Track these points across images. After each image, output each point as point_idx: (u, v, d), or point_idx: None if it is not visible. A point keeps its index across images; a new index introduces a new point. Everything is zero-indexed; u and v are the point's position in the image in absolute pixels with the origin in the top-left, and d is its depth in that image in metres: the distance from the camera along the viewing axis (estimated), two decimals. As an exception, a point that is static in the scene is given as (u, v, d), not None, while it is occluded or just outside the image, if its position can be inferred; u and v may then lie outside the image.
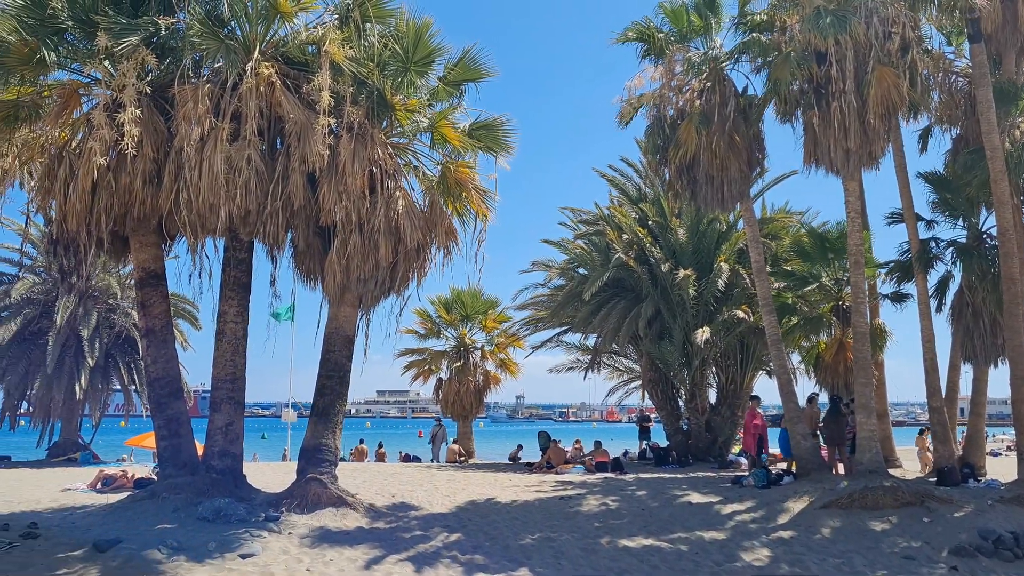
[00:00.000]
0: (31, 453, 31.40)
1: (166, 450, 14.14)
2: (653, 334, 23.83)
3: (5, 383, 28.30)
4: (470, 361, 31.64)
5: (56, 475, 22.66)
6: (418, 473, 21.73)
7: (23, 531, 11.49)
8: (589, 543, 11.74)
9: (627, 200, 25.96)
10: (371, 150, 13.43)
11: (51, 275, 29.81)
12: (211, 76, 13.28)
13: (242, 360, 14.41)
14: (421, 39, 13.86)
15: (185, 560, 10.02)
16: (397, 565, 10.36)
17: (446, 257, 14.79)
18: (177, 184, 12.64)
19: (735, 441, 25.12)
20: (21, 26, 12.72)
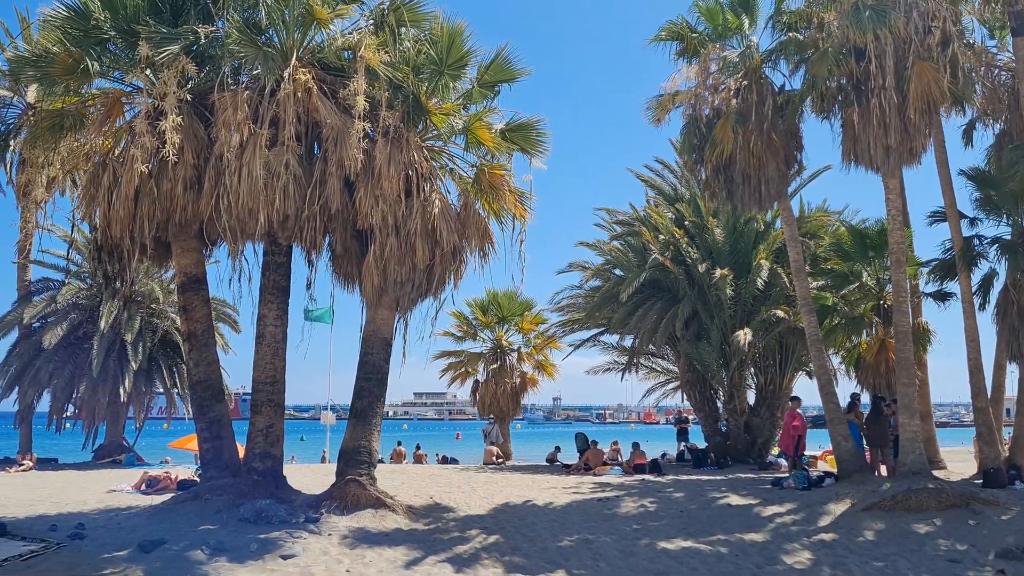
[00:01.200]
0: (77, 455, 32.01)
1: (208, 452, 14.34)
2: (690, 335, 23.68)
3: (52, 386, 28.81)
4: (507, 363, 31.71)
5: (102, 477, 23.07)
6: (456, 475, 21.79)
7: (71, 532, 11.76)
8: (627, 545, 11.69)
9: (663, 200, 25.84)
10: (407, 153, 13.52)
11: (96, 281, 30.34)
12: (250, 83, 13.45)
13: (281, 363, 14.57)
14: (455, 42, 13.95)
15: (227, 561, 10.16)
16: (436, 566, 10.40)
17: (482, 259, 14.84)
18: (217, 190, 12.85)
19: (774, 443, 24.85)
20: (65, 37, 13.05)
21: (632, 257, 25.13)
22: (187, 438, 26.82)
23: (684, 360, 25.07)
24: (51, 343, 27.87)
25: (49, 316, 29.43)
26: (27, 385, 28.61)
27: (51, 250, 31.43)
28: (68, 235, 29.50)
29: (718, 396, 25.43)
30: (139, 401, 30.84)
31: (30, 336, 29.18)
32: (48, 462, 29.15)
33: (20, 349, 29.14)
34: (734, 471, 21.27)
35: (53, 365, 28.59)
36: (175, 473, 20.08)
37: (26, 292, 30.64)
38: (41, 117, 14.34)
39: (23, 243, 30.75)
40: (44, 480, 22.22)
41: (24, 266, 31.26)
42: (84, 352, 28.57)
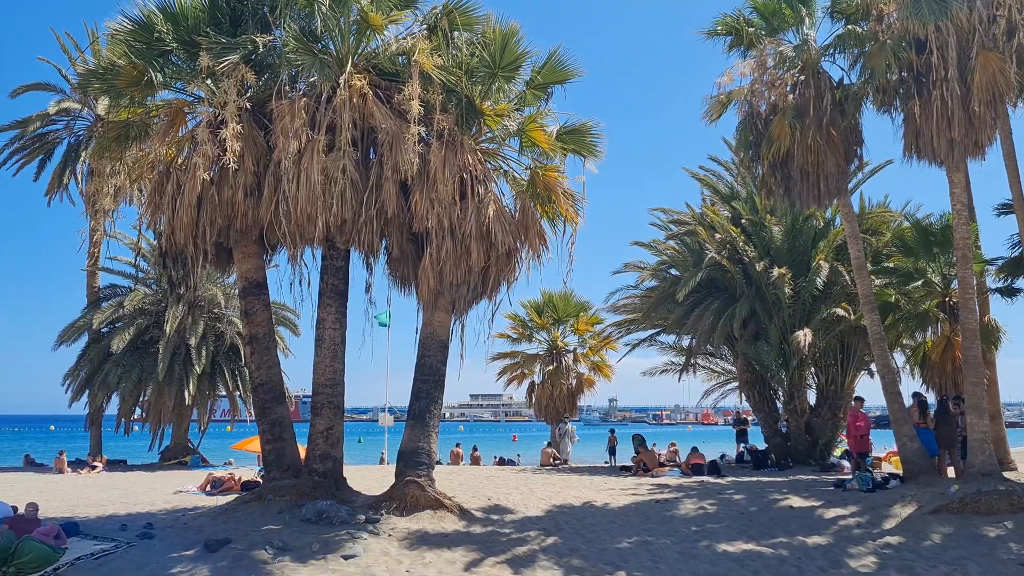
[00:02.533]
0: (144, 456, 32.88)
1: (270, 453, 14.59)
2: (748, 335, 23.38)
3: (120, 390, 29.66)
4: (563, 364, 31.66)
5: (168, 478, 23.69)
6: (513, 476, 21.84)
7: (140, 531, 12.09)
8: (687, 547, 11.59)
9: (719, 199, 25.57)
10: (461, 157, 13.60)
11: (161, 286, 31.14)
12: (306, 90, 13.68)
13: (341, 365, 14.75)
14: (508, 45, 13.98)
15: (290, 560, 10.33)
16: (495, 568, 10.44)
17: (536, 261, 14.86)
18: (276, 196, 13.09)
19: (836, 444, 24.40)
20: (130, 50, 13.46)
21: (688, 257, 24.92)
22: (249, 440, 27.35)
23: (742, 360, 24.77)
24: (119, 348, 28.70)
25: (117, 321, 30.33)
26: (96, 388, 29.51)
27: (119, 257, 32.43)
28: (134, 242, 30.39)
29: (778, 396, 25.06)
30: (203, 404, 31.57)
31: (99, 341, 30.10)
32: (118, 463, 30.03)
33: (90, 354, 30.09)
34: (795, 473, 20.92)
35: (121, 369, 29.42)
36: (239, 474, 20.53)
37: (95, 298, 31.65)
38: (108, 128, 14.82)
39: (92, 251, 31.78)
40: (114, 481, 22.90)
41: (93, 273, 32.30)
42: (150, 356, 29.36)
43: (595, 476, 21.48)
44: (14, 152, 31.63)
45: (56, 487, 20.82)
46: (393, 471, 14.59)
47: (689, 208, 26.30)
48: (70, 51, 31.75)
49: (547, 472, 23.79)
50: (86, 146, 31.07)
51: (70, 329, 30.60)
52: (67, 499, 17.41)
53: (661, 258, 26.62)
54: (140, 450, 33.62)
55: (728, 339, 24.30)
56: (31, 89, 32.18)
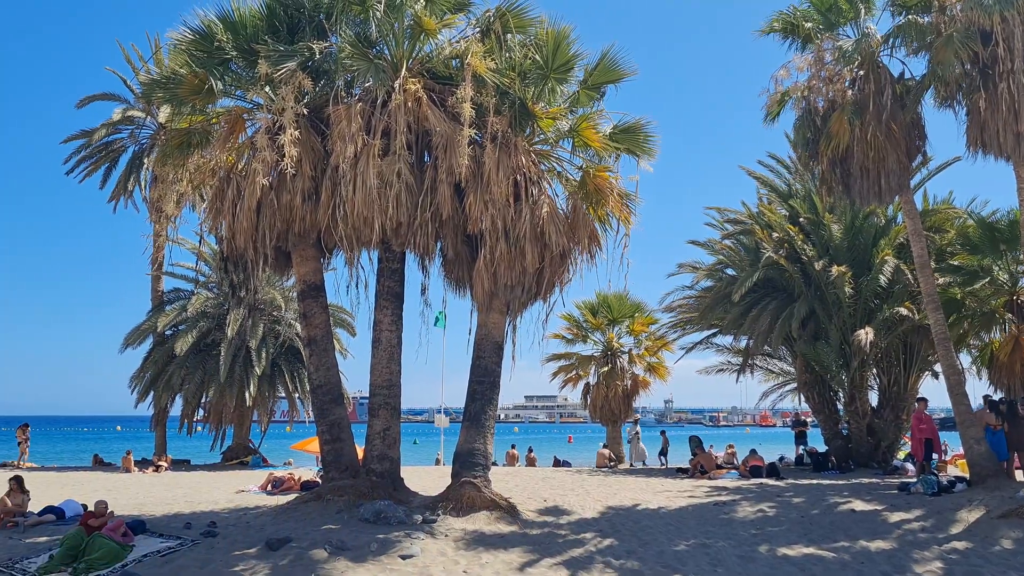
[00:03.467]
0: (207, 456, 33.60)
1: (329, 454, 14.79)
2: (808, 335, 22.99)
3: (184, 391, 30.35)
4: (618, 365, 31.51)
5: (230, 477, 24.18)
6: (568, 477, 21.81)
7: (203, 529, 12.36)
8: (746, 550, 11.44)
9: (776, 197, 25.19)
10: (515, 158, 13.64)
11: (222, 290, 31.80)
12: (362, 95, 13.86)
13: (397, 367, 14.89)
14: (560, 46, 13.98)
15: (349, 560, 10.45)
16: (551, 569, 10.43)
17: (590, 262, 14.83)
18: (334, 200, 13.28)
19: (900, 446, 23.85)
20: (191, 59, 13.79)
21: (745, 256, 24.60)
22: (308, 440, 27.81)
23: (801, 361, 24.36)
24: (182, 350, 29.36)
25: (180, 324, 31.04)
26: (161, 390, 30.24)
27: (181, 262, 33.22)
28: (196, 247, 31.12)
29: (838, 398, 24.61)
30: (263, 405, 32.12)
31: (163, 344, 30.85)
32: (182, 463, 30.73)
33: (154, 356, 30.85)
34: (857, 476, 20.51)
35: (184, 371, 30.10)
36: (298, 474, 20.85)
37: (159, 302, 32.45)
38: (171, 136, 15.20)
39: (156, 256, 32.60)
40: (178, 480, 23.46)
41: (157, 277, 33.12)
42: (212, 358, 29.98)
43: (651, 478, 21.34)
44: (81, 160, 32.58)
45: (124, 486, 21.40)
46: (449, 472, 14.68)
47: (745, 207, 25.97)
48: (134, 62, 32.63)
49: (603, 474, 23.71)
50: (149, 153, 31.89)
51: (136, 332, 31.42)
52: (134, 497, 17.88)
53: (717, 258, 26.32)
54: (202, 450, 34.35)
55: (786, 340, 23.93)
56: (97, 99, 33.13)
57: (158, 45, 30.13)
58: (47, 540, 12.00)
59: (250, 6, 14.11)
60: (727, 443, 28.13)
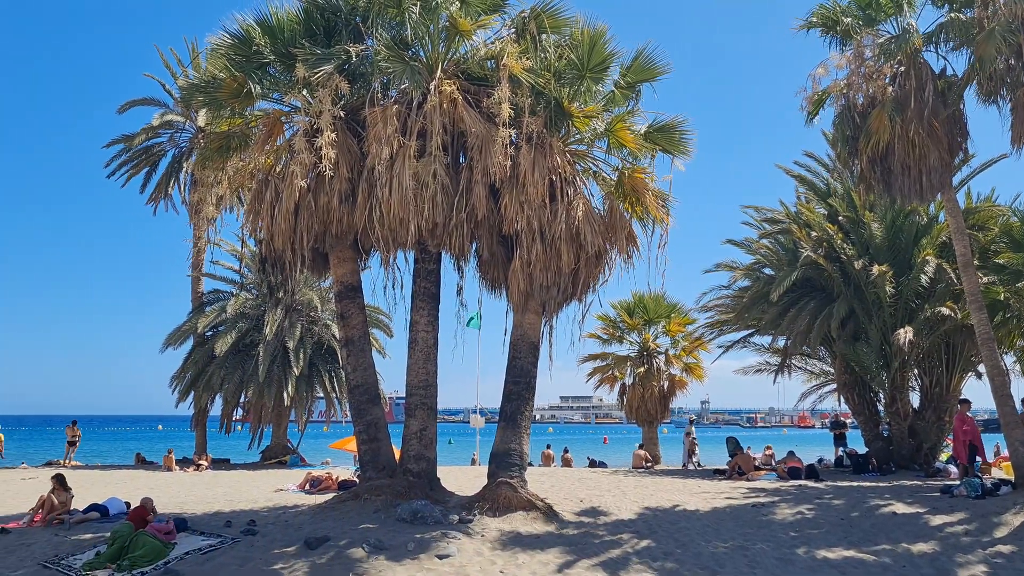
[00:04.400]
0: (246, 455, 34.00)
1: (366, 454, 14.89)
2: (847, 335, 22.68)
3: (223, 391, 30.74)
4: (654, 366, 31.37)
5: (269, 476, 24.44)
6: (605, 478, 21.75)
7: (243, 528, 12.52)
8: (785, 552, 11.33)
9: (814, 196, 24.89)
10: (550, 159, 13.63)
11: (261, 291, 32.19)
12: (398, 97, 13.94)
13: (433, 367, 14.95)
14: (596, 46, 13.94)
15: (386, 559, 10.52)
16: (589, 570, 10.41)
17: (626, 262, 14.78)
18: (370, 201, 13.37)
19: (942, 448, 23.45)
20: (230, 63, 13.98)
21: (783, 255, 24.34)
22: (346, 440, 28.02)
23: (840, 362, 24.04)
24: (222, 351, 29.74)
25: (220, 325, 31.45)
26: (201, 390, 30.67)
27: (221, 263, 33.62)
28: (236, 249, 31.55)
29: (879, 399, 24.26)
30: (301, 405, 32.42)
31: (203, 344, 31.29)
32: (221, 462, 31.13)
33: (194, 356, 31.30)
34: (898, 478, 20.20)
35: (224, 371, 30.49)
36: (336, 474, 21.02)
37: (199, 303, 32.93)
38: (210, 139, 15.42)
39: (196, 258, 33.08)
40: (219, 479, 23.76)
41: (197, 279, 33.59)
42: (251, 359, 30.33)
43: (688, 479, 21.20)
44: (122, 164, 33.16)
45: (166, 484, 21.73)
46: (485, 472, 14.71)
47: (783, 206, 25.69)
48: (172, 67, 33.12)
49: (639, 474, 23.60)
50: (188, 157, 32.38)
51: (176, 333, 31.90)
52: (176, 496, 18.15)
53: (755, 257, 26.07)
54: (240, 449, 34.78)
55: (825, 340, 23.64)
56: (137, 104, 33.70)
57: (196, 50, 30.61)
58: (92, 537, 12.23)
59: (288, 10, 14.27)
60: (765, 444, 27.85)
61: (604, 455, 38.63)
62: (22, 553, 11.30)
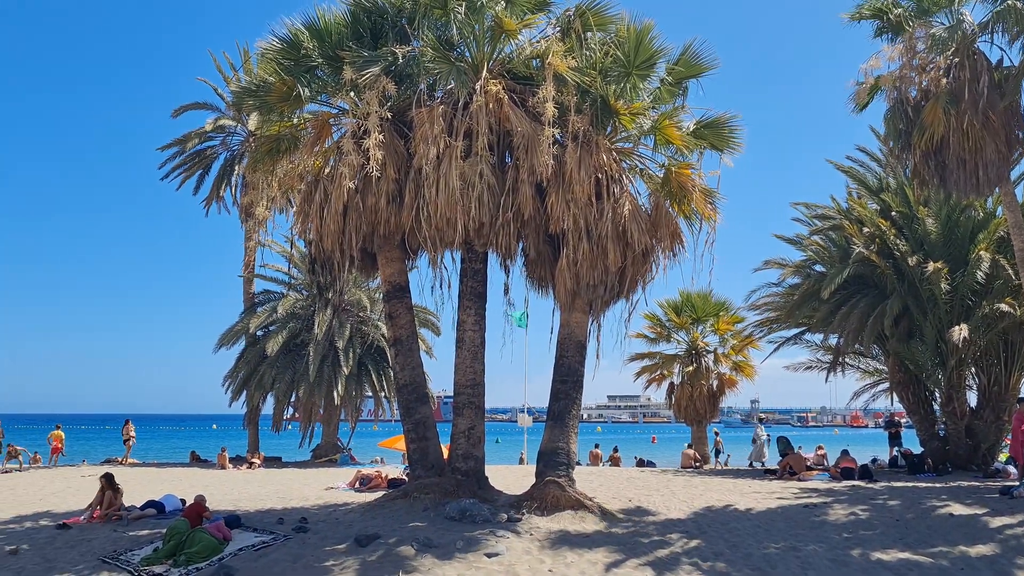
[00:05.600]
0: (296, 454, 34.46)
1: (415, 452, 15.00)
2: (901, 333, 22.23)
3: (275, 390, 31.19)
4: (702, 364, 31.09)
5: (319, 475, 24.73)
6: (653, 478, 21.62)
7: (295, 525, 12.71)
8: (838, 554, 11.14)
9: (866, 191, 24.43)
10: (596, 157, 13.60)
11: (311, 292, 32.60)
12: (444, 97, 14.03)
13: (481, 366, 15.00)
14: (642, 42, 13.86)
15: (435, 557, 10.58)
16: (637, 570, 10.35)
17: (673, 260, 14.67)
18: (417, 201, 13.47)
19: (1000, 448, 22.86)
20: (279, 67, 14.19)
21: (834, 252, 23.94)
22: (395, 438, 28.26)
23: (894, 360, 23.58)
24: (273, 350, 30.18)
25: (271, 325, 31.92)
26: (253, 389, 31.15)
27: (271, 264, 34.14)
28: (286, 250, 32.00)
29: (934, 398, 23.72)
30: (350, 404, 32.75)
31: (255, 344, 31.77)
32: (273, 460, 31.58)
33: (247, 356, 31.80)
34: (955, 478, 19.75)
35: (275, 371, 30.92)
36: (386, 472, 21.20)
37: (251, 304, 33.44)
38: (260, 142, 15.66)
39: (248, 259, 33.64)
40: (270, 477, 24.12)
41: (249, 280, 34.13)
42: (301, 358, 30.72)
43: (739, 479, 20.97)
44: (176, 167, 33.85)
45: (220, 482, 22.12)
46: (532, 471, 14.72)
47: (834, 202, 25.25)
48: (224, 71, 33.72)
49: (688, 474, 23.41)
50: (240, 160, 32.93)
51: (229, 333, 32.44)
52: (229, 493, 18.47)
53: (805, 254, 25.67)
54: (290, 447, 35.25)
55: (879, 338, 23.19)
56: (190, 108, 34.34)
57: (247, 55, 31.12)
58: (148, 533, 12.52)
59: (335, 13, 14.45)
60: (816, 444, 27.43)
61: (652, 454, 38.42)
62: (83, 548, 11.61)
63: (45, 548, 11.66)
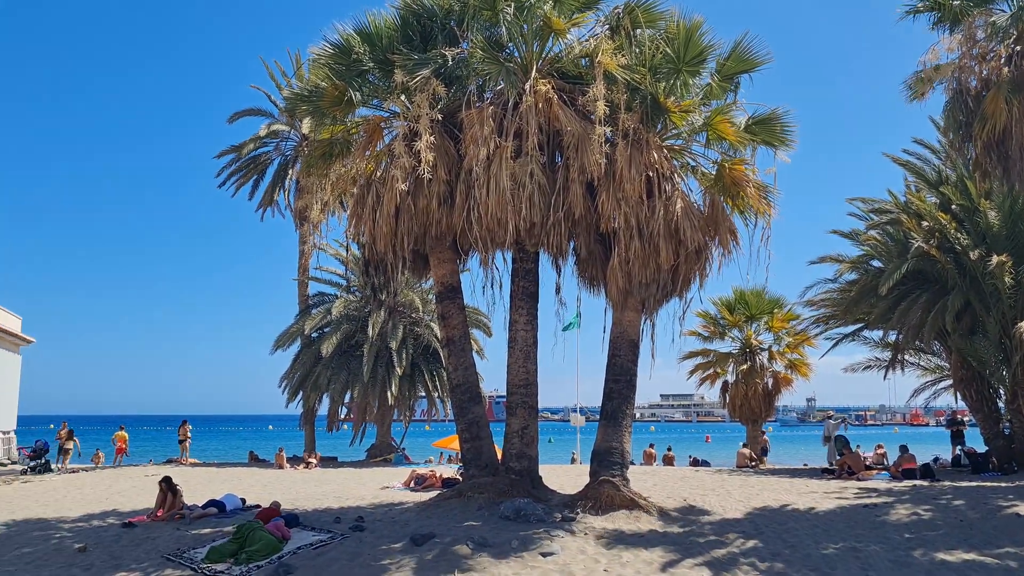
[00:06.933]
0: (350, 453, 34.88)
1: (469, 452, 15.08)
2: (963, 328, 21.68)
3: (330, 391, 31.63)
4: (757, 363, 30.72)
5: (374, 474, 25.00)
6: (708, 477, 21.41)
7: (352, 524, 12.86)
8: (900, 555, 10.91)
9: (925, 185, 23.89)
10: (647, 155, 13.52)
11: (364, 293, 32.99)
12: (493, 98, 14.07)
13: (533, 366, 15.02)
14: (692, 39, 13.75)
15: (490, 556, 10.62)
16: (693, 570, 10.27)
17: (727, 257, 14.51)
18: (468, 202, 13.54)
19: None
20: (331, 72, 14.38)
21: (892, 247, 23.44)
22: (449, 438, 28.45)
23: (956, 356, 23.00)
24: (328, 352, 30.61)
25: (325, 327, 32.39)
26: (309, 390, 31.62)
27: (326, 267, 34.64)
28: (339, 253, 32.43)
29: (999, 395, 23.07)
30: (404, 404, 33.06)
31: (310, 346, 32.26)
32: (329, 460, 32.02)
33: (302, 358, 32.31)
34: (1020, 477, 19.21)
35: (330, 372, 31.37)
36: (440, 472, 21.35)
37: (305, 306, 33.96)
38: (314, 147, 15.90)
39: (302, 262, 34.18)
40: (327, 476, 24.45)
41: (303, 282, 34.67)
42: (356, 359, 31.12)
43: (795, 479, 20.66)
44: (232, 174, 34.54)
45: (278, 481, 22.50)
46: (585, 470, 14.68)
47: (892, 196, 24.72)
48: (277, 78, 34.31)
49: (744, 474, 23.14)
50: (293, 164, 33.47)
51: (285, 335, 32.99)
52: (287, 493, 18.77)
53: (863, 250, 25.17)
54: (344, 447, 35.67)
55: (939, 334, 22.65)
56: (244, 115, 35.06)
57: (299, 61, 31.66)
58: (211, 531, 12.79)
59: (385, 17, 14.59)
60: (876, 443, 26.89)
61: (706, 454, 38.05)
62: (147, 546, 11.91)
63: (112, 546, 11.98)
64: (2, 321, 30.30)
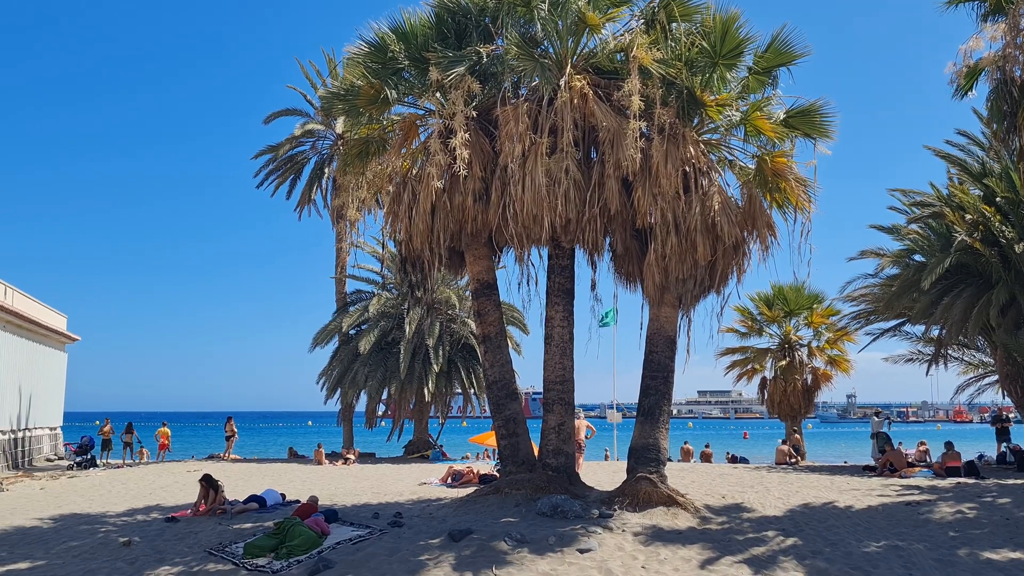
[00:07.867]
0: (388, 449, 35.13)
1: (505, 448, 15.10)
2: (1008, 323, 21.27)
3: (368, 387, 31.87)
4: (796, 359, 30.42)
5: (412, 470, 25.16)
6: (747, 474, 21.24)
7: (390, 519, 12.96)
8: (944, 554, 10.73)
9: (968, 177, 23.43)
10: (683, 150, 13.41)
11: (401, 291, 33.18)
12: (528, 95, 14.06)
13: (570, 363, 15.00)
14: (728, 32, 13.59)
15: (528, 552, 10.64)
16: (733, 567, 10.20)
17: (765, 252, 14.36)
18: (503, 199, 13.55)
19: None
20: (367, 71, 14.46)
21: (934, 240, 23.07)
22: (486, 434, 28.54)
23: (1001, 352, 22.57)
24: (365, 349, 30.84)
25: (363, 324, 32.64)
26: (347, 387, 31.89)
27: (363, 265, 34.91)
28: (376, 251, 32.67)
29: (1046, 391, 22.62)
30: (440, 400, 33.21)
31: (348, 343, 32.54)
32: (367, 456, 32.29)
33: (340, 355, 32.59)
34: (1070, 476, 18.80)
35: (368, 368, 31.60)
36: (477, 468, 21.43)
37: (343, 304, 34.25)
38: (349, 145, 16.01)
39: (340, 260, 34.45)
40: (365, 472, 24.67)
41: (341, 280, 34.96)
42: (393, 356, 31.31)
43: (835, 476, 20.42)
44: (269, 174, 34.91)
45: (317, 477, 22.74)
46: (621, 467, 14.63)
47: (934, 188, 24.30)
48: (312, 78, 34.61)
49: (782, 471, 22.91)
50: (329, 163, 33.75)
51: (323, 332, 33.31)
52: (326, 488, 18.96)
53: (904, 243, 24.79)
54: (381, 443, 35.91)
55: (984, 329, 22.26)
56: (281, 115, 35.39)
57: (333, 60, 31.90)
58: (252, 526, 12.97)
59: (420, 15, 14.64)
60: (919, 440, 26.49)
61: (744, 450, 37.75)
62: (190, 541, 12.10)
63: (155, 540, 12.20)
64: (48, 319, 30.93)
